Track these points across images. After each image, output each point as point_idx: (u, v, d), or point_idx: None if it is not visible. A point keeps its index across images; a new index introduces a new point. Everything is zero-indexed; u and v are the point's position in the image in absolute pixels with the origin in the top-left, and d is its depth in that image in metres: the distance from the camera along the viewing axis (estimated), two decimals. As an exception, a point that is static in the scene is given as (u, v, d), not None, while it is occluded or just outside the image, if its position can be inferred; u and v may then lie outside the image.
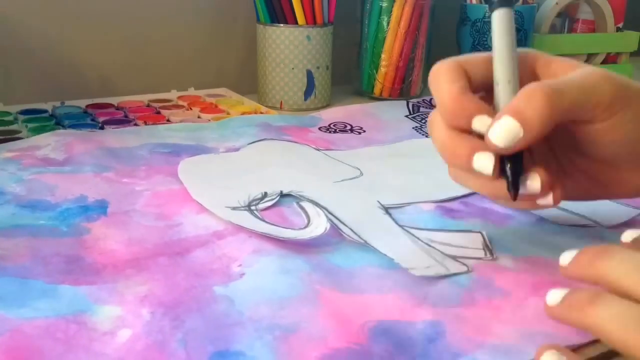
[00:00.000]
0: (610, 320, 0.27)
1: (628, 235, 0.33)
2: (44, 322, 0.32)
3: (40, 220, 0.42)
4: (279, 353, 0.30)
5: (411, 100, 0.76)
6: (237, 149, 0.57)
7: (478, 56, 0.38)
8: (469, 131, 0.35)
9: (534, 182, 0.35)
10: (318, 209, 0.44)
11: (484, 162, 0.34)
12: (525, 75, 0.37)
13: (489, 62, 0.37)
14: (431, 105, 0.75)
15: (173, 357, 0.29)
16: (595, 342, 0.31)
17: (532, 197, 0.36)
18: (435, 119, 0.37)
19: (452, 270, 0.37)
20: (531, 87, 0.33)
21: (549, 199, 0.36)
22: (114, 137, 0.59)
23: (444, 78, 0.36)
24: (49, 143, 0.56)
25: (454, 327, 0.32)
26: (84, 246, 0.39)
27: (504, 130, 0.33)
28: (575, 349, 0.31)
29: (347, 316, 0.33)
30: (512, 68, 0.36)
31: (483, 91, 0.38)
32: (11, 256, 0.38)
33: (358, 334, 0.31)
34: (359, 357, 0.30)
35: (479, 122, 0.35)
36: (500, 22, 0.37)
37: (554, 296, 0.30)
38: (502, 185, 0.35)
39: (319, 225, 0.41)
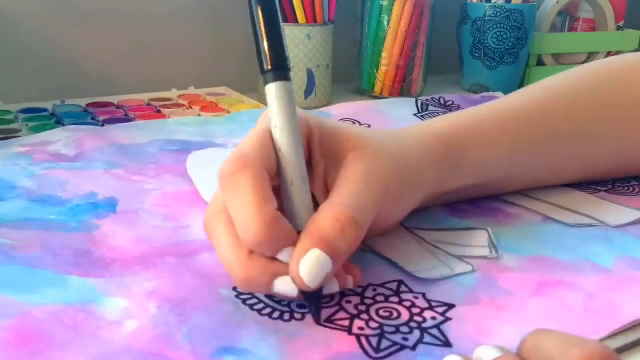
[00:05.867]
0: None
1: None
2: (52, 308, 0.32)
3: (51, 215, 0.43)
4: (282, 353, 0.30)
5: (420, 98, 0.75)
6: None
7: (269, 147, 0.33)
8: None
9: (332, 286, 0.33)
10: None
11: (286, 288, 0.32)
12: None
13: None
14: (440, 104, 0.74)
15: (178, 348, 0.30)
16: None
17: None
18: (219, 229, 0.33)
19: (456, 270, 0.37)
20: (343, 215, 0.31)
21: (349, 284, 0.34)
22: (124, 133, 0.59)
23: (250, 193, 0.31)
24: (60, 139, 0.57)
25: (457, 326, 0.32)
26: (92, 241, 0.39)
27: (315, 269, 0.30)
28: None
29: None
30: (303, 161, 0.33)
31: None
32: (21, 246, 0.38)
33: (360, 337, 0.31)
34: (361, 360, 0.30)
35: (286, 254, 0.31)
36: (281, 100, 0.33)
37: None
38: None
39: None
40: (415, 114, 0.70)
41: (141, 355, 0.29)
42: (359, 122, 0.66)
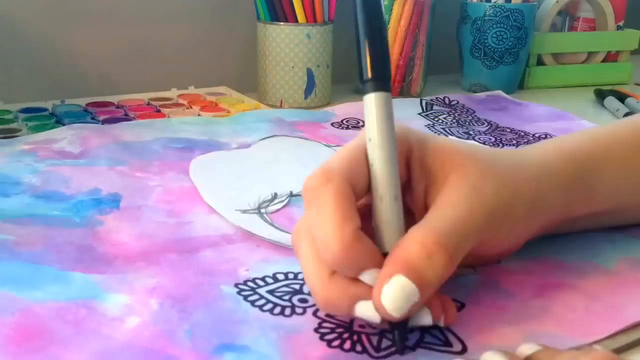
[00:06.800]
0: None
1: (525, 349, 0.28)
2: (54, 304, 0.32)
3: (54, 211, 0.43)
4: (283, 351, 0.30)
5: (424, 98, 0.75)
6: (248, 145, 0.57)
7: (358, 161, 0.31)
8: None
9: (424, 318, 0.30)
10: None
11: (369, 313, 0.29)
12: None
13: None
14: (444, 104, 0.74)
15: (179, 346, 0.30)
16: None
17: None
18: (304, 247, 0.31)
19: (458, 272, 0.37)
20: (430, 240, 0.29)
21: (440, 323, 0.31)
22: (129, 131, 0.59)
23: (331, 211, 0.29)
24: (65, 137, 0.57)
25: (459, 327, 0.32)
26: (96, 237, 0.40)
27: (399, 298, 0.28)
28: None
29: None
30: (397, 178, 0.31)
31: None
32: (25, 242, 0.38)
33: (361, 335, 0.31)
34: (361, 359, 0.30)
35: (369, 276, 0.29)
36: (380, 112, 0.31)
37: None
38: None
39: None
40: (419, 114, 0.70)
41: (142, 351, 0.29)
42: (363, 122, 0.66)
